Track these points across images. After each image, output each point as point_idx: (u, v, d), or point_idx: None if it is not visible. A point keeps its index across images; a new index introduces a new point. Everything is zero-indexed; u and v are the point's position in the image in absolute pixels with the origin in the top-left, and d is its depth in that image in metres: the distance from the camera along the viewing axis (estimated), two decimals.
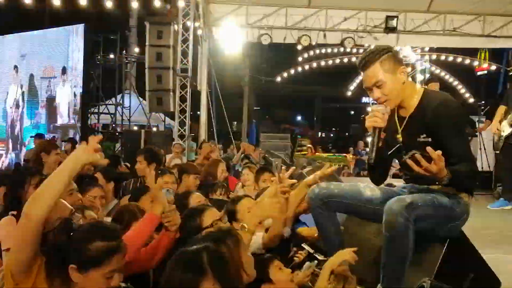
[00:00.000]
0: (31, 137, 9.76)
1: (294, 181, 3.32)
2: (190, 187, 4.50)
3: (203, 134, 11.55)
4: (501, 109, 5.60)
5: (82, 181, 3.81)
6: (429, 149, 2.21)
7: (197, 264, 1.66)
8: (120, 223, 2.83)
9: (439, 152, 2.21)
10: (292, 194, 3.16)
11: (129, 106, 13.76)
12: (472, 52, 14.42)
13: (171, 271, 1.73)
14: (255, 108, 28.59)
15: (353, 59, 15.43)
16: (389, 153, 2.61)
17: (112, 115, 13.62)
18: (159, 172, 4.28)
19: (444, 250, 2.45)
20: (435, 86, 6.59)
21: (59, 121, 13.35)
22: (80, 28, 12.68)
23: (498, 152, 5.84)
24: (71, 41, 13.00)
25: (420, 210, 2.36)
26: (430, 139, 2.49)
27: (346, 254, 2.36)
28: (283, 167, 4.00)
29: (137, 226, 2.45)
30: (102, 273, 1.90)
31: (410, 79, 2.70)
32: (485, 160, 7.70)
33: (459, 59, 14.92)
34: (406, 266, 2.40)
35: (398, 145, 2.42)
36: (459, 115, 2.54)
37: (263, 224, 2.99)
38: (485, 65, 14.94)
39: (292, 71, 16.88)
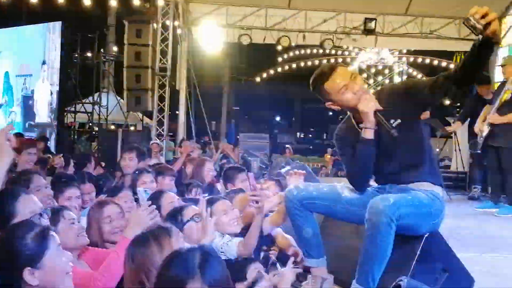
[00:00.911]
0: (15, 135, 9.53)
1: (273, 196, 3.31)
2: None
3: (181, 133, 11.49)
4: (487, 108, 5.69)
5: (59, 182, 3.75)
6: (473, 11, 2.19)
7: (187, 265, 1.67)
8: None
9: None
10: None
11: (107, 105, 13.59)
12: (448, 55, 14.63)
13: (162, 268, 1.73)
14: (234, 108, 28.58)
15: (332, 60, 15.55)
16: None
17: (89, 114, 13.44)
18: (137, 172, 4.24)
19: (419, 249, 2.48)
20: None
21: (37, 119, 13.09)
22: (57, 25, 12.44)
23: (478, 152, 5.94)
24: (48, 39, 12.76)
25: (403, 209, 2.38)
26: (400, 120, 2.54)
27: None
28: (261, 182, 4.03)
29: (113, 257, 2.27)
30: (54, 251, 1.82)
31: (387, 81, 2.78)
32: (459, 161, 7.80)
33: (436, 62, 15.15)
34: (383, 266, 2.42)
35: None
36: None
37: (240, 222, 2.97)
38: None
39: (272, 72, 16.94)
